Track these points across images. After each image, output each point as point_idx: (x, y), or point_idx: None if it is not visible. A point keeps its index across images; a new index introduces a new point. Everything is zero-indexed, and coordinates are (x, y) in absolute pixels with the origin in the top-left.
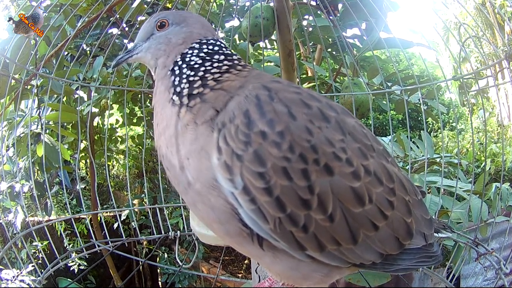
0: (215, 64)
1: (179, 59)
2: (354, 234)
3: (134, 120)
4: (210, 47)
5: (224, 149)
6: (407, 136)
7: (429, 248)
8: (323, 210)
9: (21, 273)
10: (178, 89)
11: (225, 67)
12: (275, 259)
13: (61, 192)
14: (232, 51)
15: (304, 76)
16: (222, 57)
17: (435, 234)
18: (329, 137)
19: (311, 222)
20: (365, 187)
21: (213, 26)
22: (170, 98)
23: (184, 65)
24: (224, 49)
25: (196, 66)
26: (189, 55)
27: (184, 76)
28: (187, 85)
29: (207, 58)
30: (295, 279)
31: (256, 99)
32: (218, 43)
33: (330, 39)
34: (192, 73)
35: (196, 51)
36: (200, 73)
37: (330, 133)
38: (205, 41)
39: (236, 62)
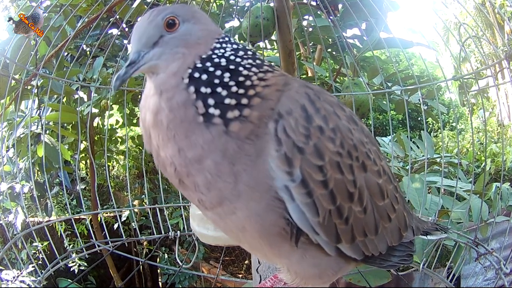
0: (250, 63)
1: (198, 64)
2: (377, 225)
3: (134, 121)
4: (232, 46)
5: (285, 140)
6: (407, 136)
7: (411, 247)
8: (361, 203)
9: (21, 273)
10: (211, 101)
11: (266, 67)
12: (303, 256)
13: (61, 193)
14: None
15: (304, 76)
16: (251, 54)
17: (426, 237)
18: (360, 138)
19: (351, 214)
20: (384, 184)
21: None
22: (200, 115)
23: (213, 68)
24: (243, 46)
25: (232, 67)
26: (215, 57)
27: (218, 81)
28: (232, 89)
29: (238, 59)
30: (311, 277)
31: (307, 95)
32: (233, 40)
33: (330, 39)
34: (229, 75)
35: (221, 51)
36: (244, 73)
37: (360, 135)
38: (221, 39)
39: (262, 59)
